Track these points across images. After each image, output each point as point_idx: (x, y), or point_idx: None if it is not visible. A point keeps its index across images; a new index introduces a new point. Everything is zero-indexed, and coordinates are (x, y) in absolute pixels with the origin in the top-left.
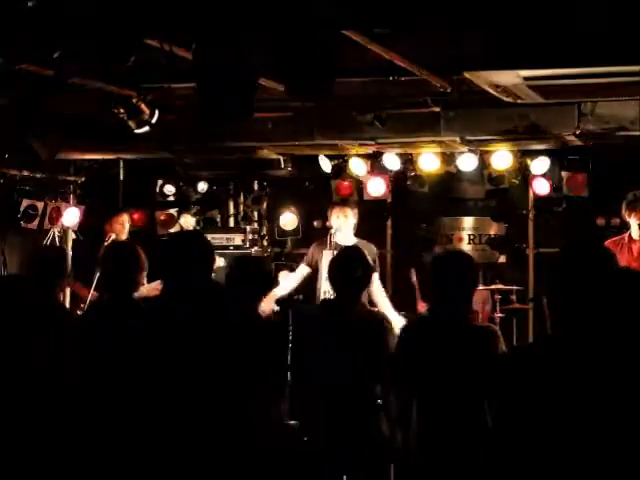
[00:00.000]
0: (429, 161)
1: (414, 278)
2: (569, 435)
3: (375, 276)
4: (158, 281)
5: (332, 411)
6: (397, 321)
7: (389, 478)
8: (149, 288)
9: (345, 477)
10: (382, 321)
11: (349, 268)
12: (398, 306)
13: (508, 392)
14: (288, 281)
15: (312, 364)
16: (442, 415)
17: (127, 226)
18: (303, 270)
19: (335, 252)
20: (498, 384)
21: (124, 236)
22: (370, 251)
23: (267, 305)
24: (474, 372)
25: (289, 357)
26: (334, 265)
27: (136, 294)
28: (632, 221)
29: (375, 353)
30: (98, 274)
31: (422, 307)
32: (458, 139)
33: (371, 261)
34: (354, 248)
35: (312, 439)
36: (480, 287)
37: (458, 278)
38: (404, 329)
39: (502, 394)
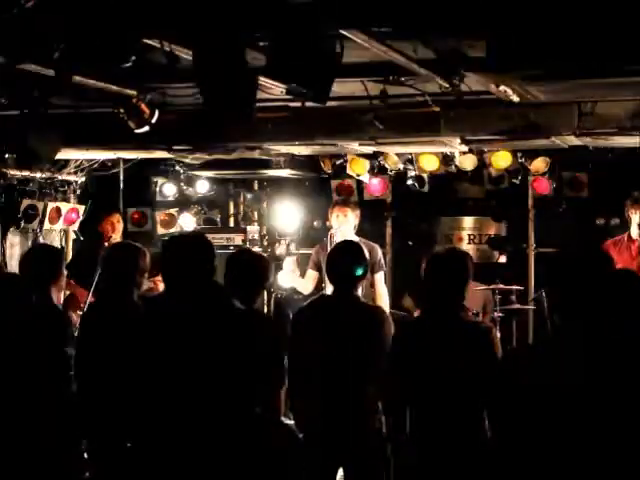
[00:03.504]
0: (429, 161)
1: (408, 303)
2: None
3: (380, 275)
4: (155, 278)
5: (329, 408)
6: None
7: (388, 477)
8: (146, 287)
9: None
10: (382, 314)
11: (347, 262)
12: (397, 306)
13: (507, 394)
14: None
15: (310, 360)
16: (437, 414)
17: (120, 225)
18: (311, 275)
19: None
20: (497, 386)
21: (118, 235)
22: (374, 251)
23: None
24: (469, 370)
25: (287, 354)
26: (331, 259)
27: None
28: (634, 217)
29: (375, 346)
30: (98, 274)
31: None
32: (458, 139)
33: (378, 259)
34: (351, 242)
35: (309, 436)
36: (481, 287)
37: (450, 275)
38: (400, 328)
39: (501, 396)
